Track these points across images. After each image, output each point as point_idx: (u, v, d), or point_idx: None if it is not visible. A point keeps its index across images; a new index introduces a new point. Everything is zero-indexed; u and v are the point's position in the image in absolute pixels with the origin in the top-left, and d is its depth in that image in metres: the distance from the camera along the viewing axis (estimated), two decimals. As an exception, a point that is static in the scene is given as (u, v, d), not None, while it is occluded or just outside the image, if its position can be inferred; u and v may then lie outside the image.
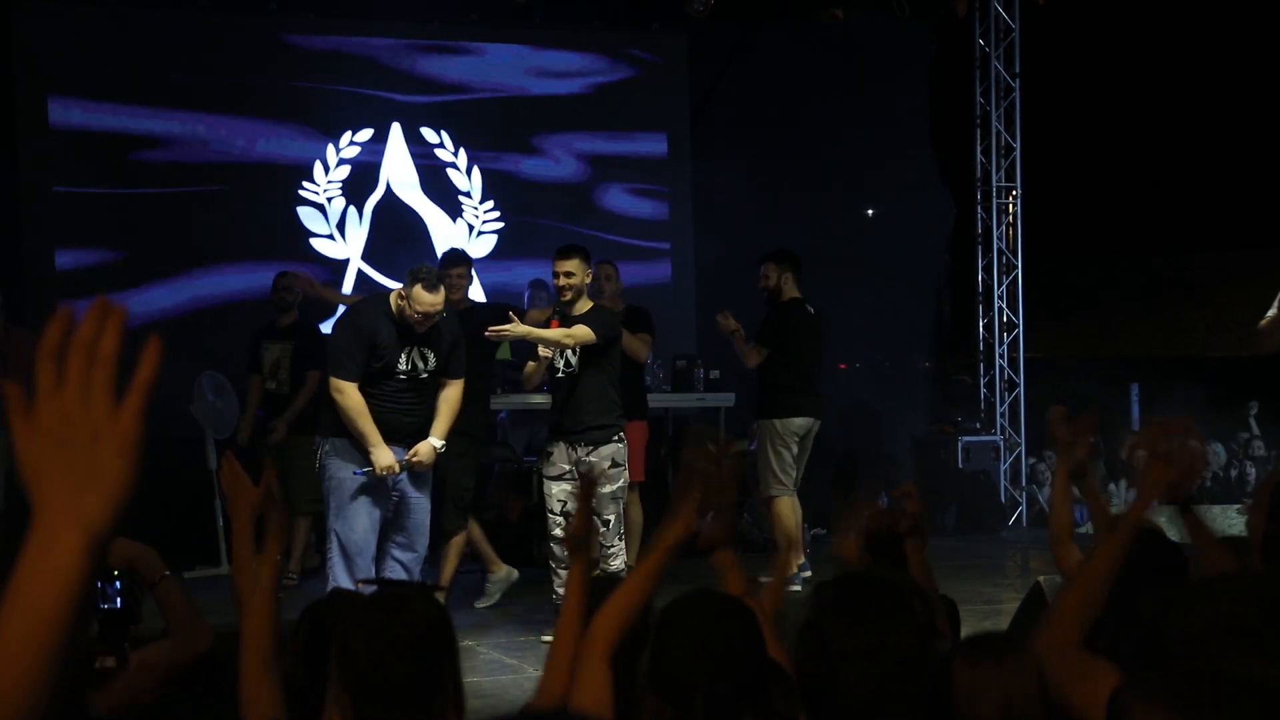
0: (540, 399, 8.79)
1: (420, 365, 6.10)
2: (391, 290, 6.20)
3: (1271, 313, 5.98)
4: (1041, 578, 4.87)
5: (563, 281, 6.32)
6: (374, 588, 2.44)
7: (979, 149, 11.32)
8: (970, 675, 2.07)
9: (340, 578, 5.87)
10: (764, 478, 7.75)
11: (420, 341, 6.08)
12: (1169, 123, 14.14)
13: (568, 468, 6.33)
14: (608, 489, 6.22)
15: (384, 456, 5.88)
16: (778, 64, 10.81)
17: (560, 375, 6.41)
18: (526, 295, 9.61)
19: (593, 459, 6.28)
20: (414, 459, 6.06)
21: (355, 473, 5.93)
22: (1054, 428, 3.09)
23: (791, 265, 8.00)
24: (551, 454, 6.39)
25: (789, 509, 7.70)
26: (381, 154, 10.24)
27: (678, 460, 8.65)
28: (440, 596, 2.31)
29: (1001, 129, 11.21)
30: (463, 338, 6.33)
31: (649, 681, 2.12)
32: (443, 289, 6.00)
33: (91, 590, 0.96)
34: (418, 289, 5.88)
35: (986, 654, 2.10)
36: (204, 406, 8.61)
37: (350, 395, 5.89)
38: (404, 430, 6.09)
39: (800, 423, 7.77)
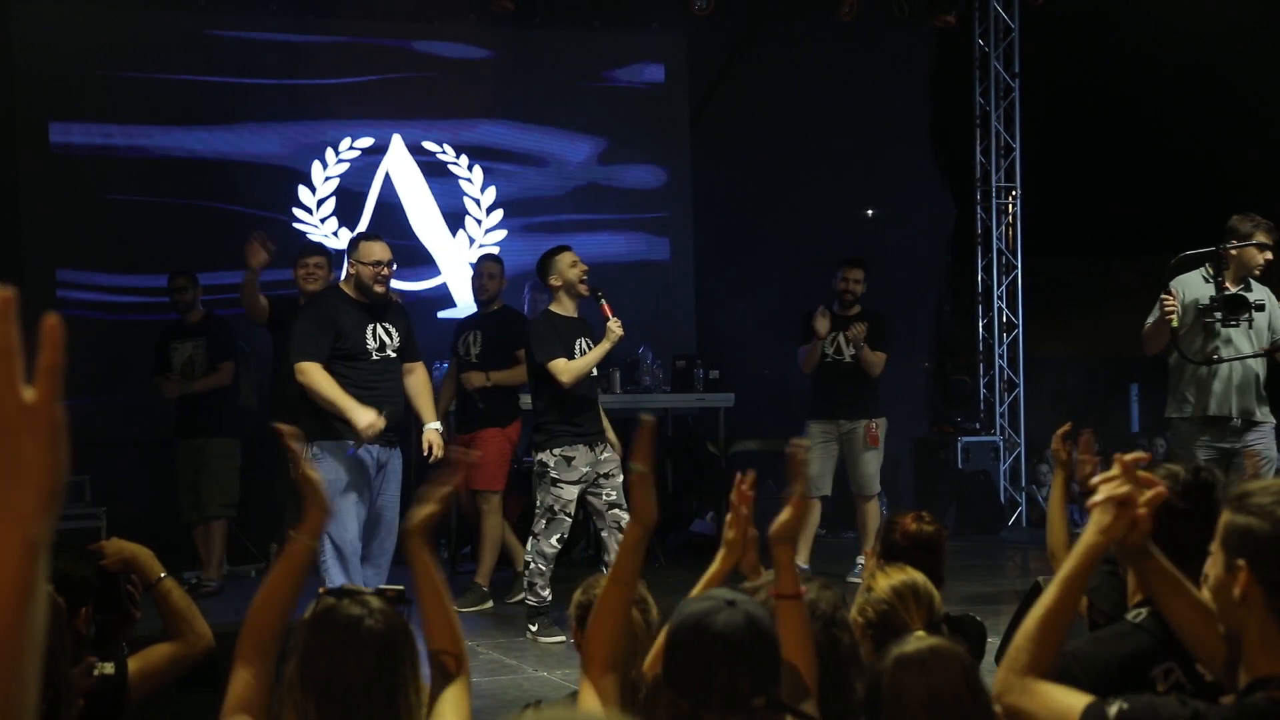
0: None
1: (387, 341, 6.06)
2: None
3: (1152, 318, 5.99)
4: (1041, 578, 4.85)
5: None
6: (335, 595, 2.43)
7: (979, 149, 11.34)
8: (895, 673, 2.10)
9: (336, 579, 5.85)
10: (875, 476, 7.98)
11: (381, 317, 6.06)
12: (1169, 122, 14.13)
13: (586, 470, 6.39)
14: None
15: (364, 416, 5.76)
16: (778, 64, 10.81)
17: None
18: (526, 298, 9.60)
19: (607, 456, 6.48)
20: (431, 453, 6.06)
21: (349, 452, 5.86)
22: (1055, 445, 3.08)
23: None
24: (573, 459, 6.38)
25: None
26: (379, 160, 10.23)
27: (678, 462, 8.65)
28: (397, 602, 2.31)
29: (1001, 129, 11.23)
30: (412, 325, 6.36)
31: (665, 677, 2.15)
32: (383, 240, 6.16)
33: (40, 589, 0.94)
34: (361, 246, 6.05)
35: (913, 654, 2.12)
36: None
37: (313, 372, 5.84)
38: (390, 418, 5.98)
39: None
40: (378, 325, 6.04)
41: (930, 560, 3.27)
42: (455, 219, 10.41)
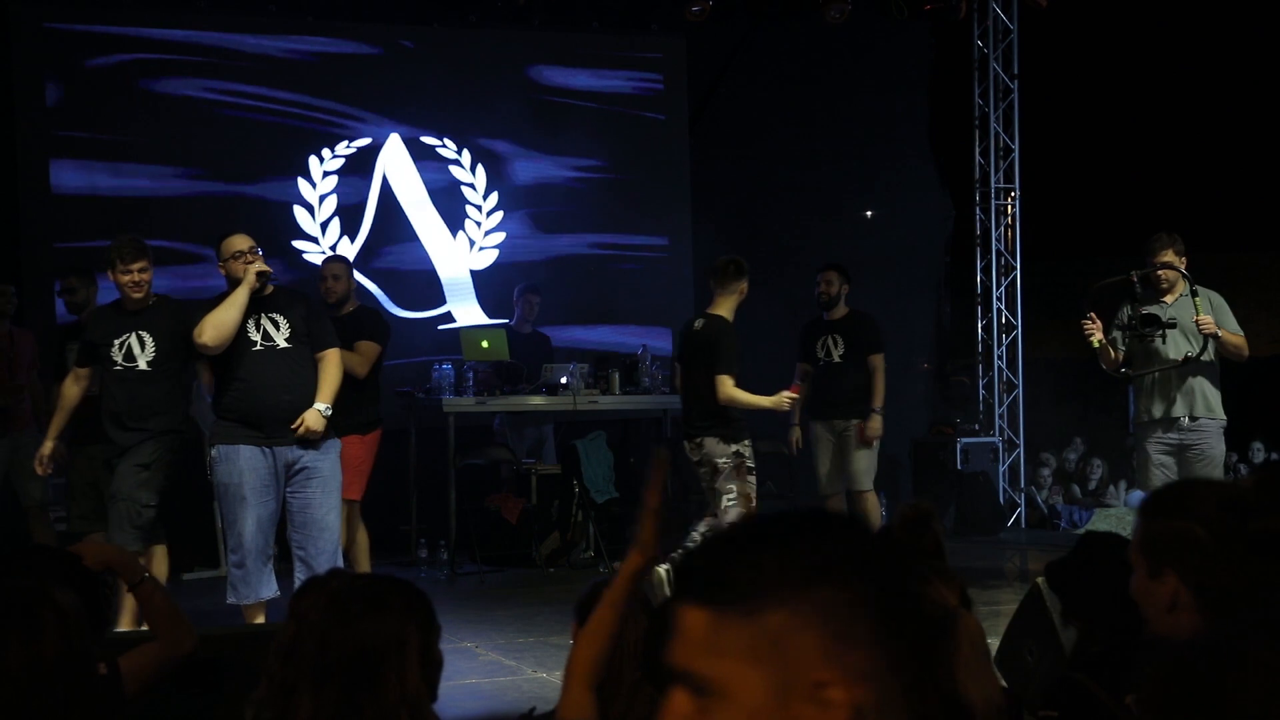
0: (539, 400, 8.82)
1: (272, 332, 5.88)
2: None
3: (1097, 339, 6.71)
4: (1040, 579, 4.86)
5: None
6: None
7: (977, 150, 11.34)
8: None
9: (238, 586, 5.81)
10: (867, 473, 8.05)
11: (267, 309, 5.89)
12: (1169, 123, 14.13)
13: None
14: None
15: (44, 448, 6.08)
16: (776, 66, 10.82)
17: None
18: (517, 299, 9.62)
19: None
20: (300, 428, 5.80)
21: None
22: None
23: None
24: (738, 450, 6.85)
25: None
26: (375, 160, 10.23)
27: (676, 464, 8.57)
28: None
29: (1000, 130, 11.23)
30: (322, 311, 6.27)
31: (646, 675, 2.16)
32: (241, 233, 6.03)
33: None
34: (223, 244, 5.92)
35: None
36: (202, 408, 8.61)
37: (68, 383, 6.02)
38: (282, 411, 5.83)
39: None
40: (262, 316, 5.87)
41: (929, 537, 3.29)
42: (454, 220, 10.41)
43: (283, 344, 5.89)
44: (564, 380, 8.75)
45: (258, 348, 5.85)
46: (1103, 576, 2.89)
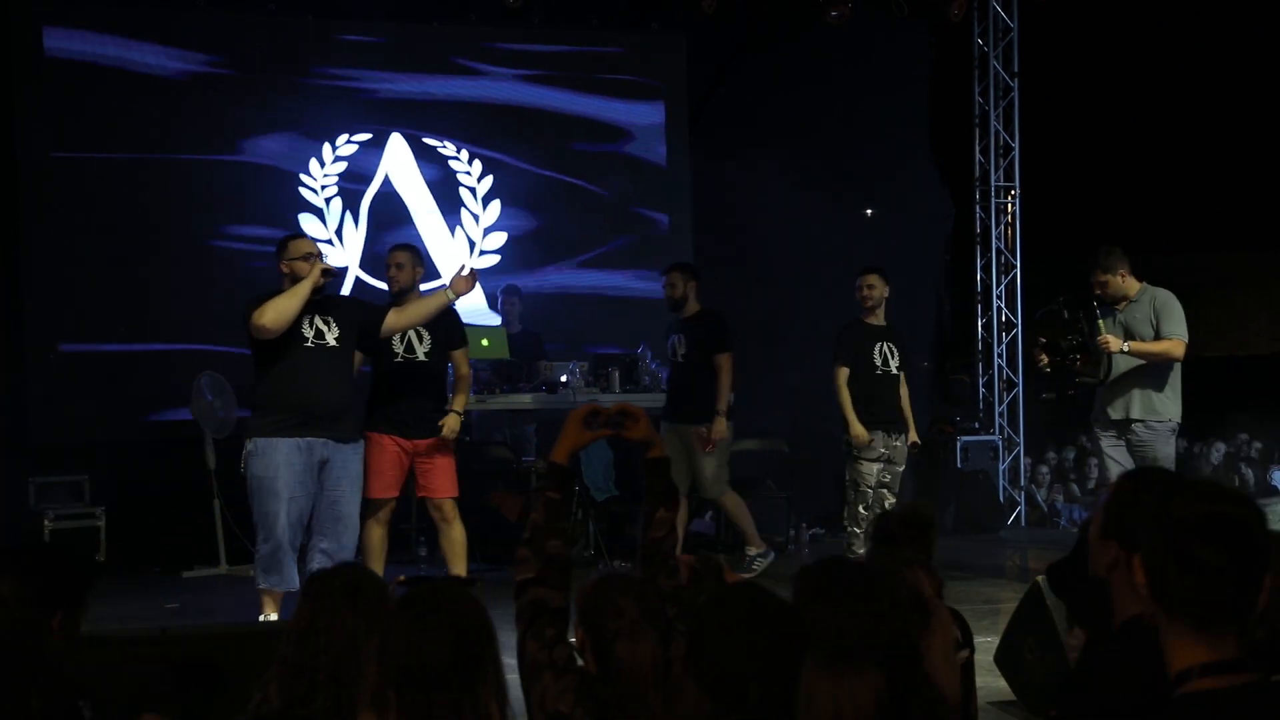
0: (538, 399, 8.83)
1: (325, 331, 6.04)
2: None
3: (1045, 363, 7.28)
4: (1040, 577, 4.87)
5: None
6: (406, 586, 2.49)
7: (978, 149, 11.34)
8: (812, 678, 2.11)
9: (269, 575, 5.88)
10: (713, 480, 7.96)
11: (318, 310, 6.03)
12: (1168, 122, 14.14)
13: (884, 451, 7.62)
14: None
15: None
16: (777, 64, 10.81)
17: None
18: (500, 301, 9.63)
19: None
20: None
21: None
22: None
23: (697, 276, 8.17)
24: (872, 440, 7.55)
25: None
26: (379, 157, 10.23)
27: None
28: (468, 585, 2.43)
29: (1000, 128, 11.23)
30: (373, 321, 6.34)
31: (690, 671, 2.16)
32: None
33: None
34: (290, 245, 6.09)
35: (829, 663, 2.13)
36: (202, 406, 8.63)
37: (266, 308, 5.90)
38: (324, 409, 5.97)
39: None
40: (315, 316, 6.02)
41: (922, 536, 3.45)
42: (451, 218, 10.43)
43: (332, 343, 6.07)
44: (564, 379, 8.76)
45: (309, 344, 6.00)
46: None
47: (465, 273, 6.33)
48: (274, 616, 5.86)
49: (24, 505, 8.55)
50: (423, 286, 6.91)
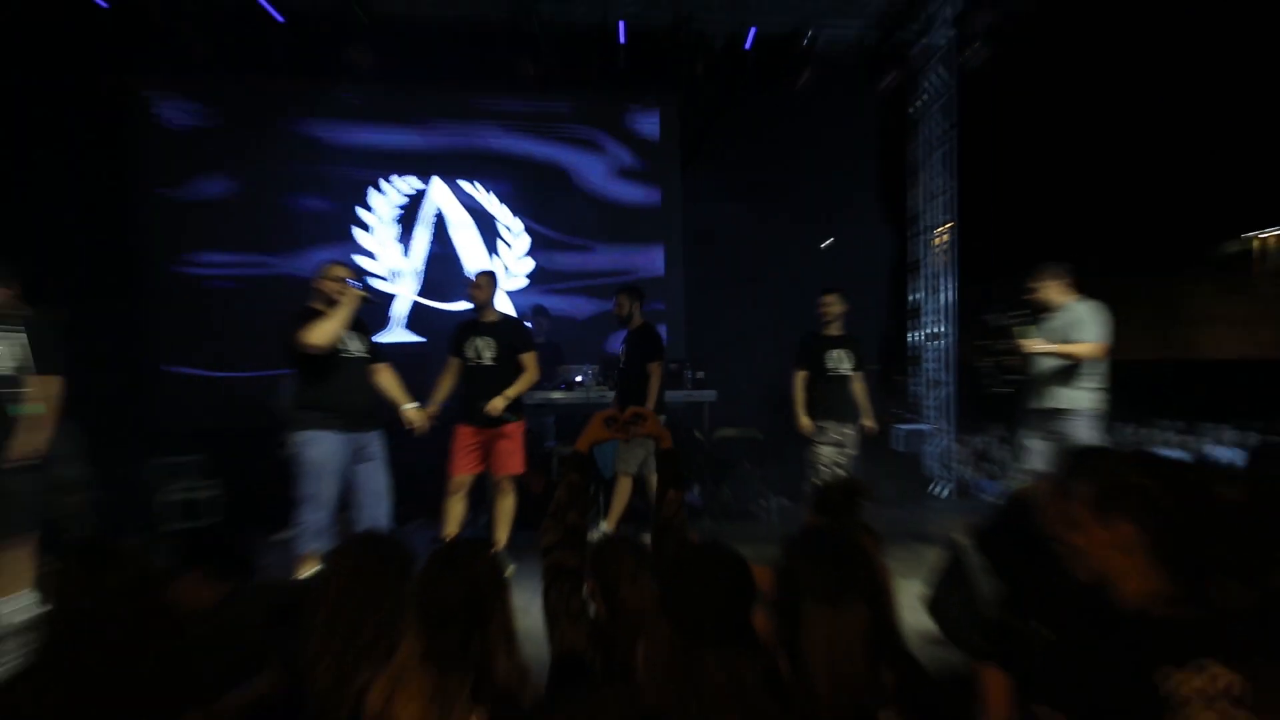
0: (559, 395, 8.84)
1: (358, 346, 6.15)
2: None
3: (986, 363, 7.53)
4: (960, 537, 4.89)
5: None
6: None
7: (908, 195, 11.34)
8: (812, 615, 2.11)
9: (312, 543, 5.90)
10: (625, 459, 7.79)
11: (352, 326, 6.11)
12: (1085, 162, 14.14)
13: (837, 437, 7.58)
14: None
15: None
16: (756, 122, 10.84)
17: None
18: (530, 320, 9.64)
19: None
20: (411, 426, 6.24)
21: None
22: None
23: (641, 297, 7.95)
24: (824, 428, 7.54)
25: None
26: (424, 195, 10.24)
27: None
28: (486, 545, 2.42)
29: (940, 170, 11.20)
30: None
31: (663, 610, 2.18)
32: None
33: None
34: (329, 269, 6.07)
35: (825, 599, 2.14)
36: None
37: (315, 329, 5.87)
38: (356, 410, 6.07)
39: None
40: (349, 332, 6.11)
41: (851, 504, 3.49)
42: (490, 246, 10.44)
43: (362, 354, 6.15)
44: (579, 379, 8.81)
45: (346, 355, 6.05)
46: (1026, 533, 2.95)
47: (418, 422, 6.31)
48: None
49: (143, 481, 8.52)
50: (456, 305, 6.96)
